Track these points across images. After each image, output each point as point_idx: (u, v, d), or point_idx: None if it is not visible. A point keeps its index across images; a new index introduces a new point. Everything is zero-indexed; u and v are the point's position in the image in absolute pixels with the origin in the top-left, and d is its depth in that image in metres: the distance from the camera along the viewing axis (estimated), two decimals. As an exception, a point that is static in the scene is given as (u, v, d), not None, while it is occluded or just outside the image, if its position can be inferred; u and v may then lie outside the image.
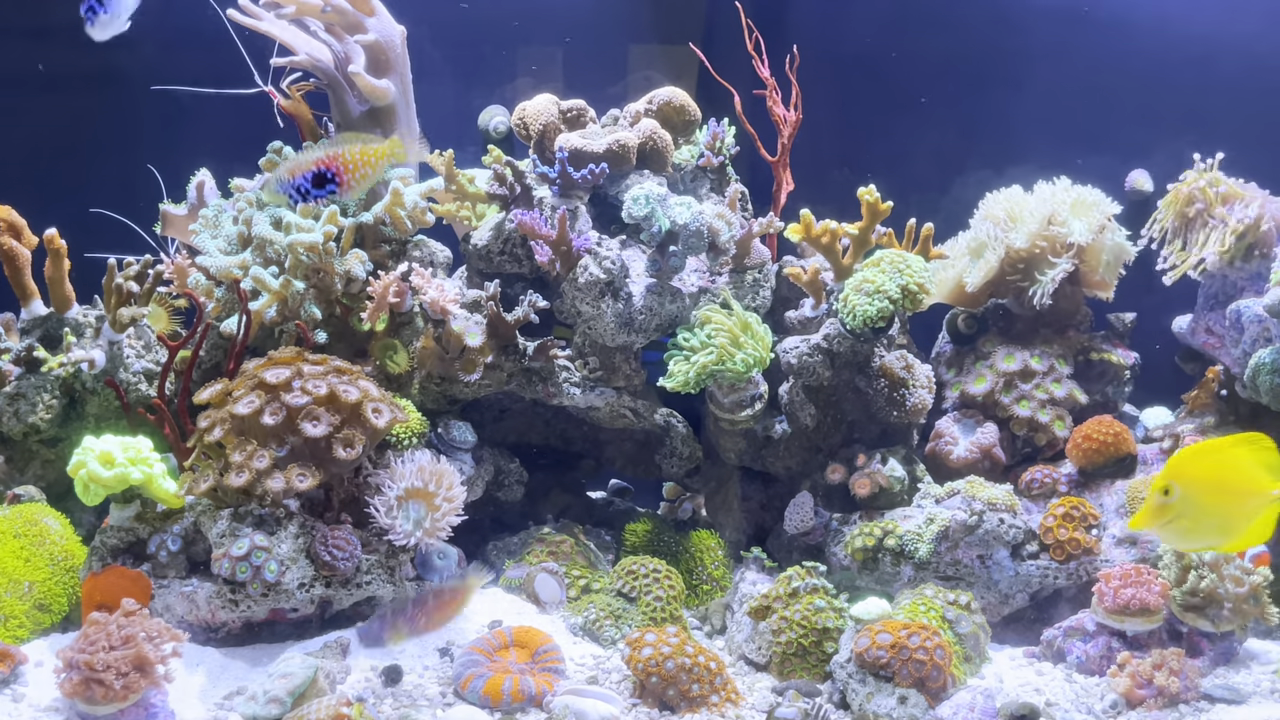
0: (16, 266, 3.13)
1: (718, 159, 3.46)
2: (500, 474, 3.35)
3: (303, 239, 3.03)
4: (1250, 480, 2.41)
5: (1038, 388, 3.34)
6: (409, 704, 2.52)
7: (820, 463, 3.31)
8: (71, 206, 3.43)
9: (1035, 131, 3.86)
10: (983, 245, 3.46)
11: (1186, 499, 2.40)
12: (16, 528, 2.84)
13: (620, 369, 3.26)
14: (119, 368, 3.12)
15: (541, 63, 4.01)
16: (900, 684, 2.61)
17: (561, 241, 3.17)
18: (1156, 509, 2.41)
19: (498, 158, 3.44)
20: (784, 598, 2.90)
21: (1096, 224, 3.33)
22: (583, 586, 3.06)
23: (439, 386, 3.21)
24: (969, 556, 3.07)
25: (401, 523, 2.80)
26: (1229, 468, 2.42)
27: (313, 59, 3.27)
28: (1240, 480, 2.41)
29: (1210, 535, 2.45)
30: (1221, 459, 2.43)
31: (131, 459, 2.71)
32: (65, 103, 3.90)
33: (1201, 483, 2.41)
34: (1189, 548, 2.75)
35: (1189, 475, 2.41)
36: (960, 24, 3.92)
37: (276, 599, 2.67)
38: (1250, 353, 3.08)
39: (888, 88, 3.99)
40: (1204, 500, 2.40)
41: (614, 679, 2.72)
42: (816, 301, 3.36)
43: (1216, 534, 2.45)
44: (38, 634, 2.75)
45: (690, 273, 3.27)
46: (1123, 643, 2.84)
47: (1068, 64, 3.86)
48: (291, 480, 2.69)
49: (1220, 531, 2.44)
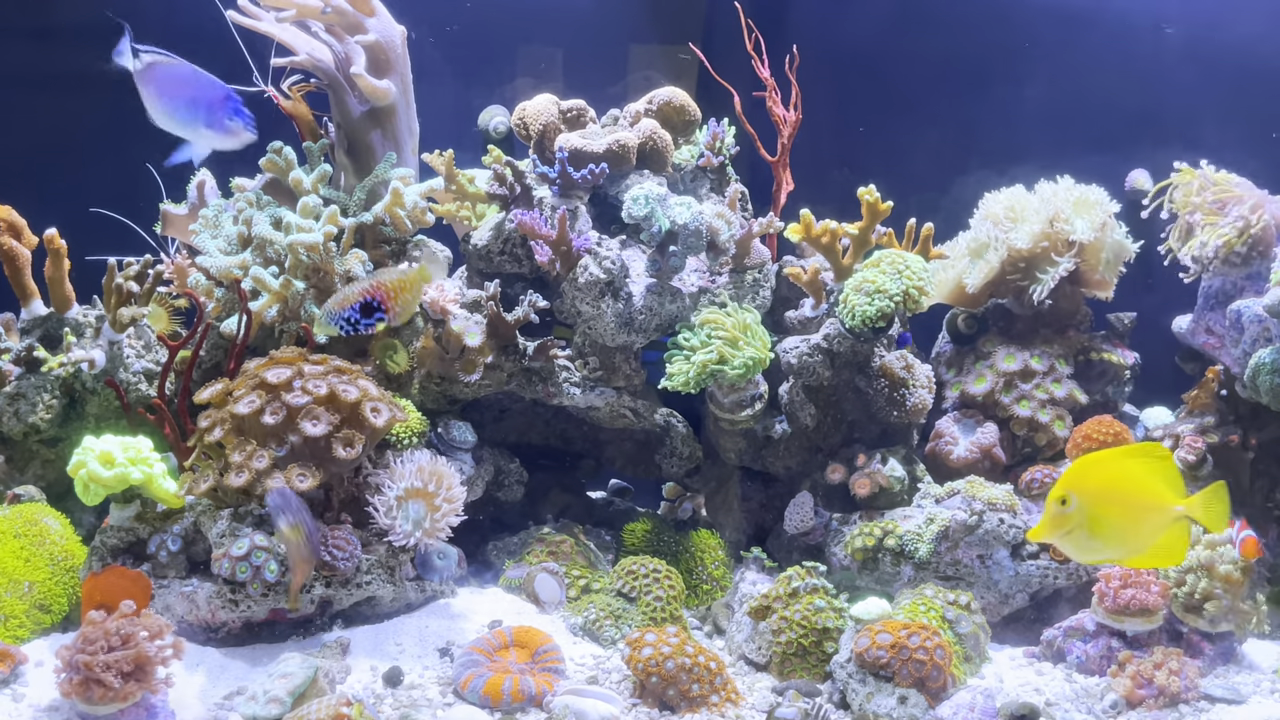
0: (16, 266, 3.13)
1: (718, 159, 3.46)
2: (500, 474, 3.35)
3: (303, 239, 3.03)
4: (1149, 493, 2.34)
5: (1038, 388, 3.34)
6: (409, 704, 2.52)
7: (820, 463, 3.31)
8: (71, 206, 3.42)
9: (1035, 131, 3.86)
10: (983, 245, 3.46)
11: (1083, 510, 2.32)
12: (16, 528, 2.84)
13: (620, 369, 3.26)
14: (119, 368, 3.12)
15: (542, 63, 4.01)
16: (900, 684, 2.61)
17: (561, 241, 3.17)
18: (1054, 519, 2.34)
19: (498, 158, 3.44)
20: (784, 598, 2.90)
21: (1099, 222, 3.33)
22: (583, 586, 3.06)
23: (439, 386, 3.21)
24: (969, 556, 3.07)
25: (401, 523, 2.80)
26: (1125, 479, 2.35)
27: (313, 59, 3.27)
28: (1138, 493, 2.35)
29: (1108, 548, 2.38)
30: (1117, 470, 2.37)
31: (131, 459, 2.71)
32: (65, 102, 3.90)
33: (1098, 494, 2.33)
34: (1088, 559, 2.66)
35: (1085, 486, 2.34)
36: (960, 24, 3.92)
37: (276, 599, 2.67)
38: (1250, 353, 3.08)
39: (888, 88, 3.99)
40: (1101, 512, 2.33)
41: (614, 679, 2.72)
42: (816, 301, 3.36)
43: (1115, 547, 2.37)
44: (38, 634, 2.75)
45: (690, 273, 3.27)
46: (1123, 643, 2.84)
47: (1068, 64, 3.86)
48: (292, 480, 2.69)
49: (1119, 544, 2.36)
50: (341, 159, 3.36)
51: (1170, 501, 2.34)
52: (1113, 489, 2.35)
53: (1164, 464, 2.36)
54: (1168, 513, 2.33)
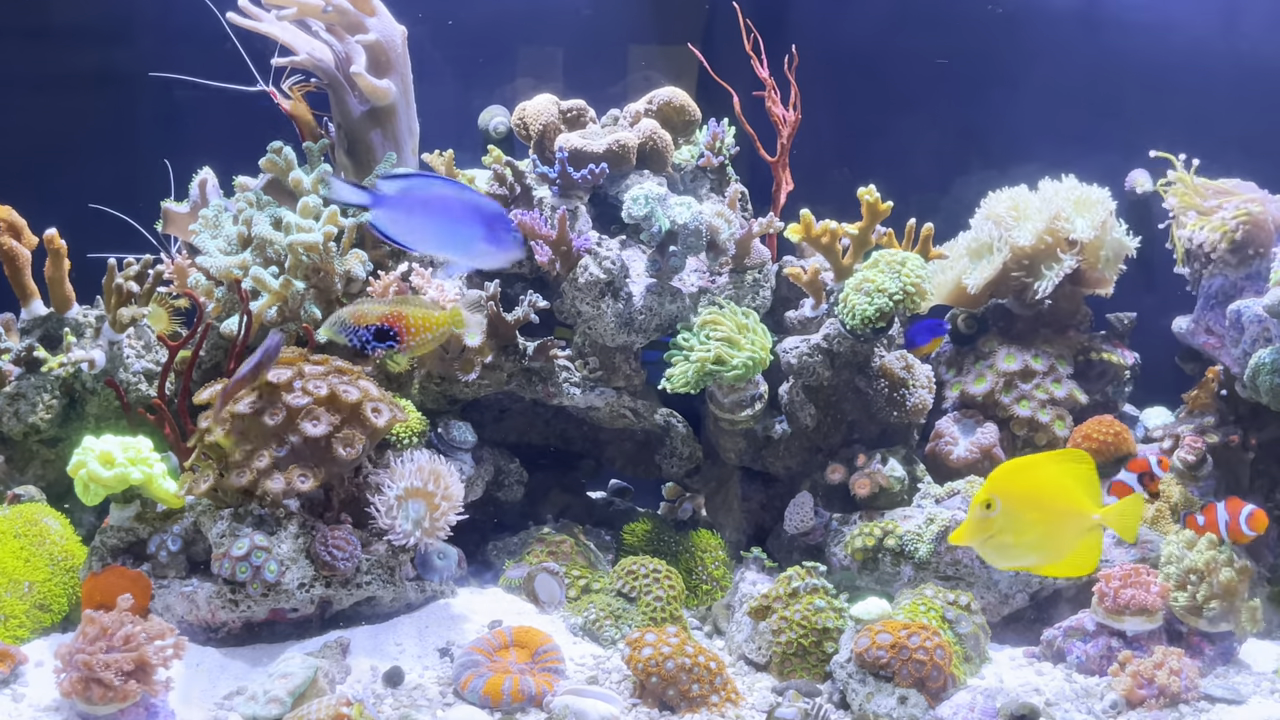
0: (16, 266, 3.13)
1: (718, 159, 3.46)
2: (500, 474, 3.35)
3: (303, 239, 3.02)
4: (1069, 500, 2.33)
5: (1038, 388, 3.34)
6: (409, 704, 2.52)
7: (820, 463, 3.31)
8: (71, 206, 3.43)
9: (1035, 131, 3.86)
10: (984, 245, 3.46)
11: (1007, 514, 2.31)
12: (16, 528, 2.84)
13: (620, 369, 3.26)
14: (119, 368, 3.12)
15: (542, 63, 4.01)
16: (900, 684, 2.61)
17: (561, 241, 3.17)
18: (978, 523, 2.33)
19: (498, 158, 3.44)
20: (784, 598, 2.90)
21: (1099, 220, 3.33)
22: (583, 586, 3.06)
23: (439, 386, 3.21)
24: (969, 556, 3.07)
25: (401, 522, 2.80)
26: (1048, 485, 2.34)
27: (314, 59, 3.27)
28: (1059, 499, 2.34)
29: (1028, 554, 2.37)
30: (1039, 476, 2.35)
31: (131, 459, 2.71)
32: (66, 102, 3.90)
33: (1021, 499, 2.32)
34: (1007, 565, 2.65)
35: (1009, 490, 2.33)
36: (960, 24, 3.92)
37: (276, 599, 2.67)
38: (1250, 353, 3.08)
39: (888, 88, 3.99)
40: (1024, 517, 2.32)
41: (614, 679, 2.72)
42: (816, 301, 3.36)
43: (1033, 553, 2.36)
44: (38, 634, 2.75)
45: (690, 273, 3.27)
46: (1123, 642, 2.84)
47: (1068, 64, 3.86)
48: (292, 480, 2.69)
49: (1037, 550, 2.35)
50: (341, 159, 3.36)
51: (1088, 509, 2.34)
52: (1034, 495, 2.34)
53: (1084, 470, 2.35)
54: (1085, 520, 2.33)
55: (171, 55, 3.69)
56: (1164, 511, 3.13)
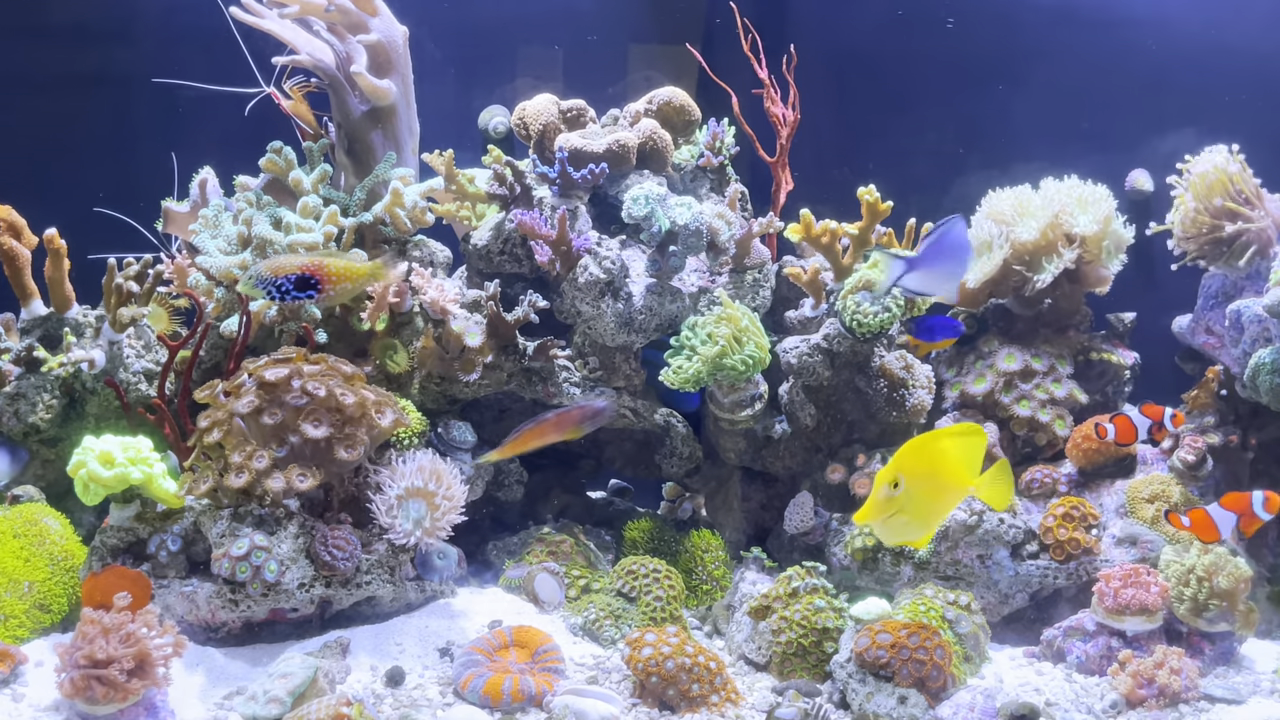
0: (16, 266, 3.13)
1: (717, 159, 3.46)
2: (500, 474, 3.35)
3: (303, 239, 3.03)
4: (952, 473, 2.33)
5: (1038, 387, 3.34)
6: (409, 704, 2.52)
7: (820, 463, 3.31)
8: (72, 206, 3.43)
9: (1035, 131, 3.86)
10: (984, 244, 3.46)
11: (909, 493, 2.30)
12: (16, 528, 2.84)
13: (620, 369, 3.26)
14: (119, 368, 3.12)
15: (542, 63, 4.01)
16: (900, 684, 2.61)
17: (561, 241, 3.17)
18: (882, 502, 2.31)
19: (498, 158, 3.44)
20: (784, 598, 2.90)
21: (1102, 214, 3.34)
22: (583, 586, 3.06)
23: (439, 386, 3.21)
24: (969, 556, 3.07)
25: (401, 522, 2.80)
26: (940, 460, 2.33)
27: (314, 59, 3.27)
28: (945, 473, 2.33)
29: (915, 530, 2.36)
30: (934, 451, 2.34)
31: (131, 459, 2.71)
32: (66, 102, 3.90)
33: (919, 475, 2.31)
34: (895, 542, 2.64)
35: (913, 468, 2.31)
36: (960, 24, 3.92)
37: (276, 599, 2.67)
38: (1250, 353, 3.08)
39: (888, 88, 3.99)
40: (921, 493, 2.31)
41: (614, 679, 2.72)
42: (816, 301, 3.37)
43: (919, 529, 2.36)
44: (38, 634, 2.75)
45: (690, 272, 3.27)
46: (1123, 642, 2.84)
47: (1068, 64, 3.86)
48: (292, 480, 2.69)
49: (923, 524, 2.35)
50: (342, 159, 3.36)
51: (967, 481, 2.32)
52: (929, 470, 2.34)
53: (973, 442, 2.34)
54: (963, 492, 2.32)
55: (172, 55, 3.69)
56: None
